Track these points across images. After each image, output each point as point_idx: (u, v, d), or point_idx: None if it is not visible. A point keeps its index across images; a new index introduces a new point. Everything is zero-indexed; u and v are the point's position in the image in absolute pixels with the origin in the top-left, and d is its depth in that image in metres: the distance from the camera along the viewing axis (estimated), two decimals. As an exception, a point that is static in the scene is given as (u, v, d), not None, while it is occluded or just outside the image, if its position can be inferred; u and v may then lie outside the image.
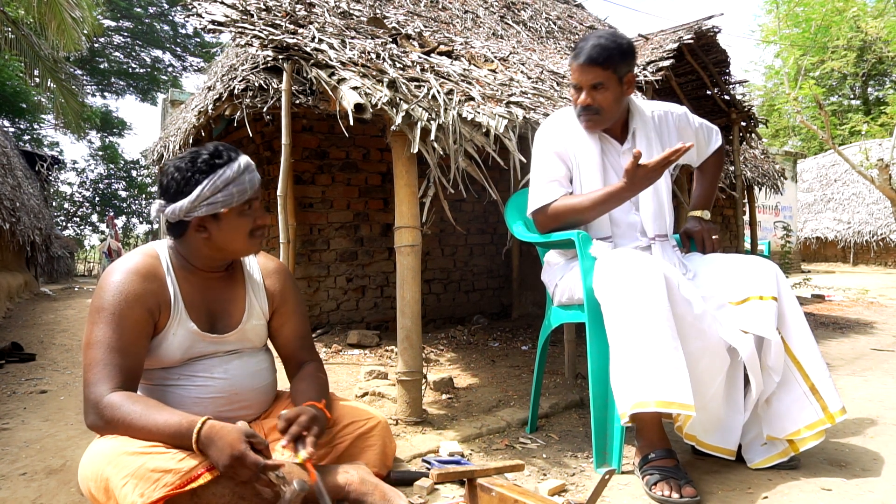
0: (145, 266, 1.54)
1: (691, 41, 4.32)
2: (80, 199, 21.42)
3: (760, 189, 7.24)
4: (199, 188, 1.50)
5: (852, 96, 21.93)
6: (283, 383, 1.77)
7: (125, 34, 20.80)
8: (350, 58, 2.51)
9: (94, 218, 21.57)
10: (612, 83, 2.00)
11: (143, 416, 1.37)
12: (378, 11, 3.83)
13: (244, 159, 1.58)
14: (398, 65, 2.62)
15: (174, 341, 1.55)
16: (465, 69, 2.95)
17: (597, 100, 2.01)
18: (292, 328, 1.76)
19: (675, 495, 1.63)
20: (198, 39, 21.15)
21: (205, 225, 1.54)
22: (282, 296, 1.75)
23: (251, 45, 2.65)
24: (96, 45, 18.95)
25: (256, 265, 1.76)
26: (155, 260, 1.57)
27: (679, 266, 2.01)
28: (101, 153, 21.28)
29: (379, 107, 2.18)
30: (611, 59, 1.97)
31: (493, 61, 3.40)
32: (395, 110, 2.19)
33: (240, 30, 2.64)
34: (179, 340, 1.55)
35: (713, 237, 2.18)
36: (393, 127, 2.20)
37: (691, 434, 1.86)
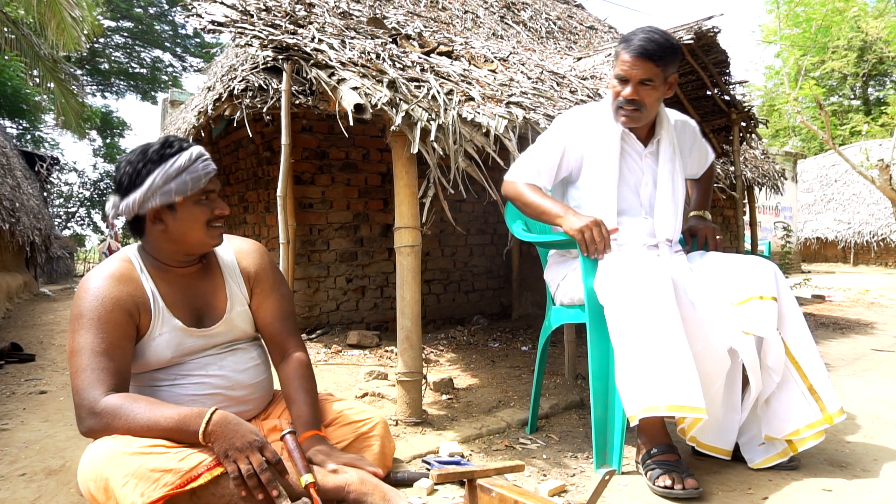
0: (119, 270, 1.54)
1: (691, 41, 4.31)
2: (81, 199, 21.44)
3: (760, 189, 7.23)
4: (150, 178, 1.49)
5: (853, 96, 21.92)
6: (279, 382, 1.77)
7: (125, 34, 20.79)
8: (350, 58, 2.51)
9: (96, 218, 21.59)
10: (659, 81, 1.97)
11: (145, 413, 1.37)
12: (378, 12, 3.83)
13: (197, 149, 1.56)
14: (398, 65, 2.62)
15: (161, 341, 1.54)
16: (464, 69, 2.95)
17: (642, 95, 1.96)
18: (271, 307, 1.73)
19: (678, 487, 1.65)
20: (198, 40, 21.14)
21: (161, 216, 1.53)
22: (257, 274, 1.73)
23: (251, 45, 2.64)
24: (97, 46, 18.94)
25: (231, 251, 1.74)
26: (129, 264, 1.57)
27: (688, 271, 1.99)
28: (101, 153, 21.31)
29: (379, 107, 2.18)
30: (664, 57, 1.94)
31: (492, 61, 3.40)
32: (394, 110, 2.18)
33: (239, 30, 2.64)
34: (167, 339, 1.55)
35: (716, 235, 2.19)
36: (393, 127, 2.20)
37: (692, 435, 1.86)
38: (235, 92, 3.45)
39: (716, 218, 7.55)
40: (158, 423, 1.36)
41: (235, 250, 1.74)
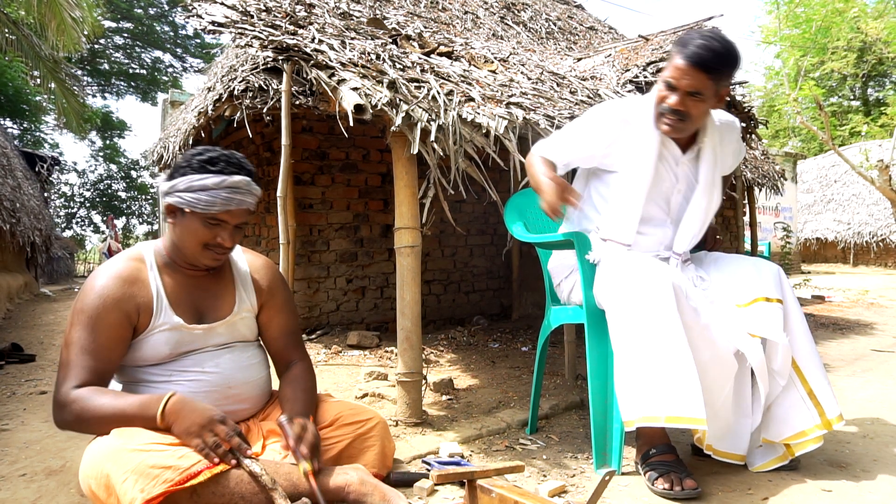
0: (128, 270, 1.57)
1: (691, 42, 4.31)
2: (81, 200, 21.47)
3: (760, 190, 7.24)
4: (179, 179, 1.55)
5: (852, 97, 21.92)
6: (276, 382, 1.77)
7: (125, 35, 20.81)
8: (350, 58, 2.51)
9: (97, 219, 21.62)
10: (710, 94, 1.83)
11: (112, 402, 1.43)
12: (378, 12, 3.83)
13: (235, 178, 1.54)
14: (398, 66, 2.62)
15: (161, 337, 1.57)
16: (464, 70, 2.95)
17: (688, 107, 1.83)
18: (280, 324, 1.78)
19: (677, 488, 1.66)
20: (198, 40, 21.16)
21: (174, 213, 1.59)
22: (269, 290, 1.77)
23: (251, 45, 2.65)
24: (97, 46, 18.97)
25: (244, 261, 1.78)
26: (139, 263, 1.61)
27: (695, 277, 1.96)
28: (101, 154, 21.34)
29: (379, 108, 2.18)
30: (719, 69, 1.79)
31: (492, 62, 3.40)
32: (394, 111, 2.19)
33: (240, 31, 2.65)
34: (167, 336, 1.57)
35: (717, 237, 2.19)
36: (393, 128, 2.20)
37: (708, 443, 1.86)
38: (235, 92, 3.45)
39: (716, 218, 7.55)
40: (124, 410, 1.42)
41: (249, 262, 1.79)
